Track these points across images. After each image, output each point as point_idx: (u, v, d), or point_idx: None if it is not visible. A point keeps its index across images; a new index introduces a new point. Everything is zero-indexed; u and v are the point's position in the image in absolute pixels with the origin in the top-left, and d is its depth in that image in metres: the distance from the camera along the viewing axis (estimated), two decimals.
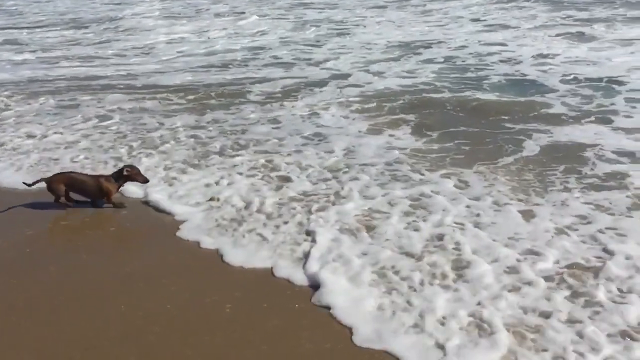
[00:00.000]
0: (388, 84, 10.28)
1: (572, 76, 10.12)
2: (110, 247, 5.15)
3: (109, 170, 6.43)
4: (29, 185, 5.74)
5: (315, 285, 4.27)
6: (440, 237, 4.87)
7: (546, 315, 3.81)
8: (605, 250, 4.58)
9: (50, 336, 3.78)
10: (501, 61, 11.71)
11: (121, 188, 5.77)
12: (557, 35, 13.90)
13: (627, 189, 5.69)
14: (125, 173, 5.64)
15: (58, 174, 5.81)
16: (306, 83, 10.56)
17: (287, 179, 6.24)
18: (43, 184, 5.69)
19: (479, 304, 3.94)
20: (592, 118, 7.92)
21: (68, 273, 4.59)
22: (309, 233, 5.01)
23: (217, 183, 6.21)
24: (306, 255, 4.66)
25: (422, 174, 6.21)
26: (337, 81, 10.60)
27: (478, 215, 5.25)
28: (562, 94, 9.16)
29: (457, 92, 9.63)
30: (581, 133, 7.34)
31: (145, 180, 5.74)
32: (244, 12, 20.88)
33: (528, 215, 5.21)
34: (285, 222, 5.25)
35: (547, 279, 4.21)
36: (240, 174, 6.41)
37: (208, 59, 13.36)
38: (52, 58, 13.88)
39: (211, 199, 5.76)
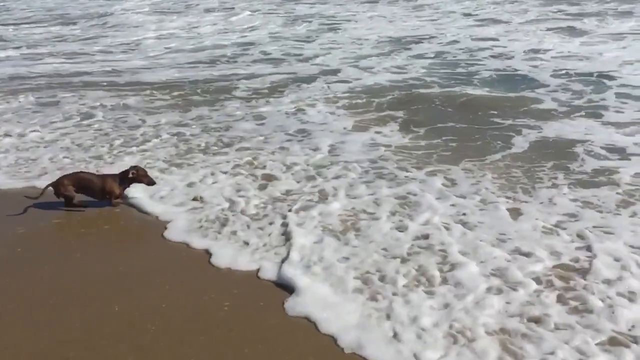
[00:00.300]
0: (377, 79, 10.14)
1: (563, 71, 10.02)
2: (104, 245, 5.00)
3: (105, 168, 6.31)
4: (35, 197, 5.39)
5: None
6: (427, 237, 4.73)
7: (535, 321, 3.66)
8: (593, 250, 4.45)
9: (46, 337, 3.68)
10: (492, 56, 11.59)
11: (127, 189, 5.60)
12: (549, 29, 13.80)
13: (616, 185, 5.58)
14: (130, 175, 5.45)
15: (65, 176, 5.54)
16: (294, 79, 10.40)
17: (271, 177, 6.09)
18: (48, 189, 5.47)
19: (464, 309, 3.79)
20: (582, 113, 7.80)
21: (62, 272, 4.47)
22: (289, 235, 4.85)
23: (200, 181, 6.05)
24: (284, 259, 4.49)
25: (409, 172, 6.07)
26: (325, 77, 10.45)
27: (465, 214, 5.12)
28: (552, 89, 9.04)
29: (447, 87, 9.51)
30: (571, 128, 7.22)
31: (151, 183, 5.54)
32: (233, 8, 20.67)
33: (516, 213, 5.09)
34: (271, 223, 5.09)
35: (535, 281, 4.08)
36: (224, 172, 6.26)
37: (196, 55, 13.17)
38: (36, 55, 13.65)
39: (194, 199, 5.61)
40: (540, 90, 9.00)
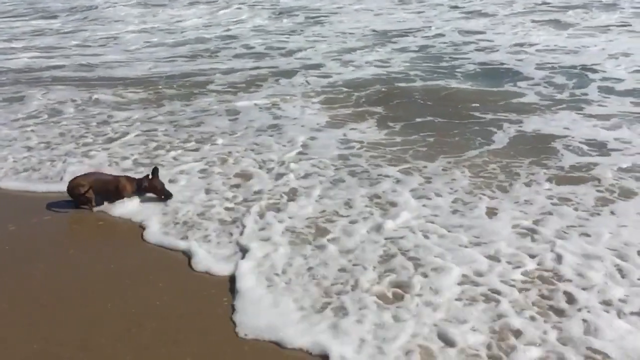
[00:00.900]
0: (359, 74, 9.92)
1: (547, 64, 9.82)
2: (96, 242, 4.86)
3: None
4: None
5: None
6: (398, 242, 4.49)
7: (515, 335, 3.42)
8: (568, 253, 4.24)
9: (41, 337, 3.58)
10: (477, 49, 11.38)
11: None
12: (534, 22, 13.60)
13: (596, 181, 5.41)
14: (143, 186, 5.25)
15: (80, 177, 5.29)
16: (274, 73, 10.16)
17: (241, 176, 5.87)
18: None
19: (435, 325, 3.53)
20: (565, 107, 7.63)
21: (56, 271, 4.33)
22: (243, 246, 4.53)
23: (170, 181, 5.77)
24: (240, 268, 4.25)
25: (382, 170, 5.86)
26: (306, 71, 10.23)
27: (439, 215, 4.91)
28: (536, 82, 8.86)
29: (430, 81, 9.30)
30: (552, 123, 7.04)
31: (166, 195, 5.29)
32: (216, 0, 20.31)
33: (492, 214, 4.88)
34: (241, 226, 4.85)
35: (512, 290, 3.82)
36: (194, 170, 6.04)
37: (177, 49, 12.88)
38: (9, 49, 13.30)
39: (165, 198, 5.34)
40: (524, 84, 8.80)
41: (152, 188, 5.28)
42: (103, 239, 4.93)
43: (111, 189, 5.24)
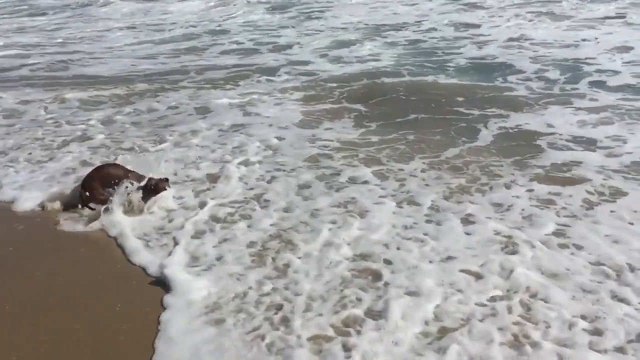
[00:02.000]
0: (346, 69, 9.56)
1: (541, 58, 9.45)
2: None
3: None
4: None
5: None
6: (366, 259, 3.98)
7: None
8: (555, 265, 3.83)
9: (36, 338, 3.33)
10: (471, 43, 11.03)
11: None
12: (531, 13, 13.25)
13: (579, 183, 5.02)
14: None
15: (92, 177, 4.91)
16: (257, 70, 9.80)
17: (204, 181, 5.40)
18: None
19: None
20: (554, 102, 7.27)
21: (55, 272, 4.07)
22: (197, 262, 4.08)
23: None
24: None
25: (352, 173, 5.41)
26: (292, 67, 9.88)
27: (411, 227, 4.38)
28: (527, 77, 8.49)
29: (419, 76, 8.94)
30: (539, 119, 6.66)
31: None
32: None
33: (469, 222, 4.41)
34: (200, 239, 4.38)
35: (488, 314, 3.36)
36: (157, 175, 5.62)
37: (162, 46, 12.50)
38: None
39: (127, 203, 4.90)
40: (514, 78, 8.45)
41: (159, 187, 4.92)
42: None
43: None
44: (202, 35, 13.63)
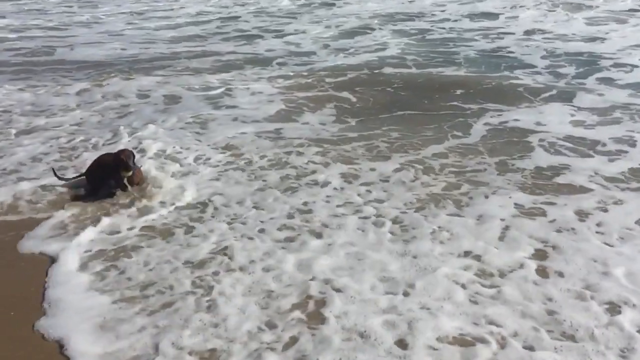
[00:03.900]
0: (347, 60, 8.99)
1: (555, 51, 8.76)
2: None
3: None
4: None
5: None
6: (311, 297, 3.23)
7: None
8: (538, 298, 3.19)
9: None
10: (485, 35, 10.39)
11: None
12: (552, 4, 12.45)
13: (573, 187, 4.42)
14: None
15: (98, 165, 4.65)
16: (251, 59, 9.27)
17: (148, 181, 4.73)
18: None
19: None
20: (556, 98, 6.62)
21: None
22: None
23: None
24: None
25: (319, 175, 4.78)
26: (289, 57, 9.37)
27: (370, 248, 3.68)
28: (536, 71, 7.82)
29: (425, 67, 8.34)
30: (533, 117, 6.03)
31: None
32: None
33: (439, 239, 3.73)
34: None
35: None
36: None
37: (161, 32, 12.00)
38: None
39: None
40: (520, 72, 7.80)
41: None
42: None
43: None
44: (207, 22, 13.21)
